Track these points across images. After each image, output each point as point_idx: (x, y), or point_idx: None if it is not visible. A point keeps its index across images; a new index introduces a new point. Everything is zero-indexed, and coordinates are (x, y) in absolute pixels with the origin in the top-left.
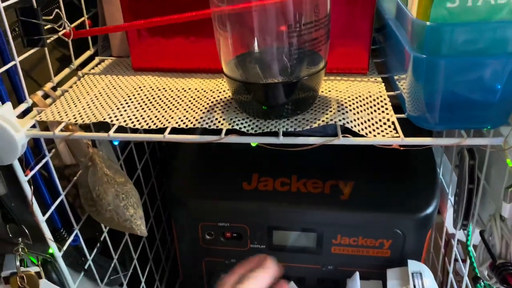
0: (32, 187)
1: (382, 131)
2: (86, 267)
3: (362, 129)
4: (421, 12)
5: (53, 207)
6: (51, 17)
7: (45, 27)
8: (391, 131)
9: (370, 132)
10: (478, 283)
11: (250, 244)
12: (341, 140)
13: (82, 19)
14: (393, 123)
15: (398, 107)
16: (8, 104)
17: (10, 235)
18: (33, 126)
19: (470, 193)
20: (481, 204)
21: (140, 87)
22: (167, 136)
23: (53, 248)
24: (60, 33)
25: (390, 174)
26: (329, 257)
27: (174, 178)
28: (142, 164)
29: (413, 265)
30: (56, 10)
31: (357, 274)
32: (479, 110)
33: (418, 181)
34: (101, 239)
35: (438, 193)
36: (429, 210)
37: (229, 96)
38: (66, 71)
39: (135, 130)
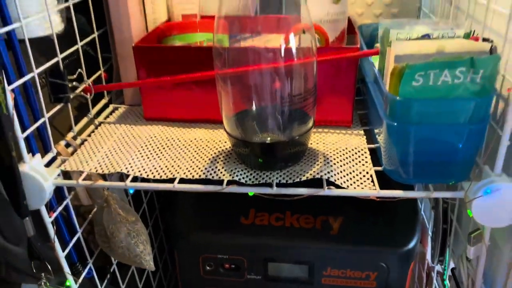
0: (54, 227)
1: (362, 183)
2: None
3: (344, 182)
4: (392, 88)
5: (71, 244)
6: (74, 76)
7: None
8: (369, 184)
9: (351, 185)
10: None
11: (247, 275)
12: (326, 191)
13: (99, 72)
14: (371, 176)
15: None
16: (38, 156)
17: (34, 271)
18: (58, 175)
19: (444, 232)
20: (455, 242)
21: (151, 137)
22: (176, 186)
23: (70, 281)
24: (80, 90)
25: (375, 211)
26: (320, 287)
27: (177, 213)
28: (148, 198)
29: None
30: (79, 70)
31: None
32: (444, 168)
33: (400, 218)
34: (111, 270)
35: (419, 229)
36: (411, 245)
37: (230, 147)
38: (85, 120)
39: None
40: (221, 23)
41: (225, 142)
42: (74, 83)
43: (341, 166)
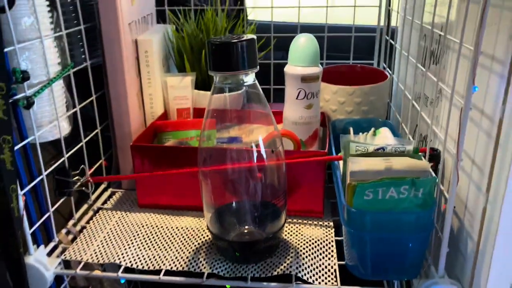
0: None
1: (326, 278)
2: None
3: (310, 277)
4: (348, 200)
5: None
6: (77, 172)
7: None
8: (332, 279)
9: (316, 279)
10: None
11: None
12: (294, 286)
13: (100, 161)
14: (335, 270)
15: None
16: (42, 247)
17: None
18: (59, 263)
19: None
20: None
21: (143, 225)
22: (162, 278)
23: None
24: (82, 183)
25: None
26: None
27: None
28: None
29: None
30: (82, 166)
31: None
32: (397, 267)
33: None
34: None
35: None
36: None
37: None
38: (85, 206)
39: None
40: (208, 121)
41: (208, 231)
42: (77, 177)
43: (309, 260)
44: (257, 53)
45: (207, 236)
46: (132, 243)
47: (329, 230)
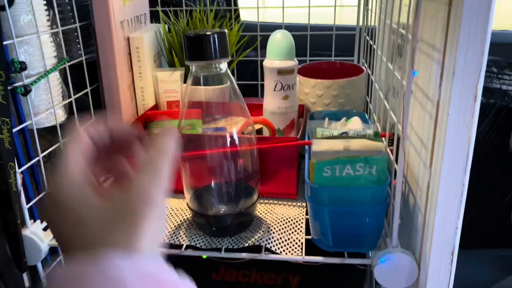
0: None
1: (293, 249)
2: None
3: (278, 248)
4: (310, 176)
5: None
6: None
7: None
8: (298, 250)
9: (283, 251)
10: None
11: None
12: (263, 256)
13: None
14: (302, 243)
15: None
16: (38, 222)
17: None
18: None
19: None
20: None
21: None
22: None
23: None
24: None
25: (330, 270)
26: None
27: None
28: None
29: None
30: None
31: None
32: (356, 239)
33: (351, 275)
34: None
35: (367, 286)
36: None
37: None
38: None
39: None
40: (193, 111)
41: (188, 210)
42: None
43: (279, 234)
44: (228, 45)
45: (187, 214)
46: None
47: (301, 210)
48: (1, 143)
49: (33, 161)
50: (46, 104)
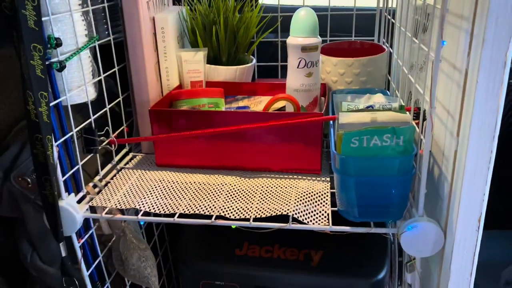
0: (81, 251)
1: (319, 220)
2: None
3: (305, 219)
4: (337, 147)
5: (93, 265)
6: (102, 132)
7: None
8: (325, 220)
9: (310, 221)
10: None
11: None
12: (291, 226)
13: (122, 127)
14: (328, 214)
15: None
16: (72, 195)
17: (65, 285)
18: (87, 209)
19: (400, 264)
20: None
21: (160, 180)
22: (176, 219)
23: None
24: (106, 143)
25: (351, 245)
26: None
27: (182, 245)
28: (159, 231)
29: None
30: (106, 128)
31: None
32: (382, 210)
33: (372, 252)
34: None
35: (388, 262)
36: (380, 277)
37: (220, 188)
38: (109, 166)
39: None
40: (217, 90)
41: (217, 185)
42: (102, 138)
43: (305, 206)
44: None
45: (217, 188)
46: (151, 193)
47: (325, 184)
48: (40, 116)
49: (67, 135)
50: (78, 81)
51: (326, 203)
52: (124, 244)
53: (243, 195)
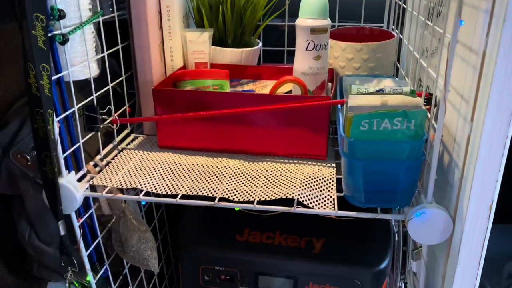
0: (80, 230)
1: (325, 205)
2: None
3: (311, 203)
4: (346, 130)
5: (92, 246)
6: (104, 111)
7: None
8: (330, 205)
9: (316, 205)
10: None
11: (240, 286)
12: (296, 209)
13: (125, 107)
14: (334, 199)
15: None
16: (73, 173)
17: (63, 265)
18: (87, 188)
19: (404, 253)
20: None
21: (163, 162)
22: (179, 200)
23: (90, 276)
24: (108, 122)
25: (354, 233)
26: None
27: (182, 229)
28: (159, 215)
29: None
30: (109, 106)
31: None
32: (389, 195)
33: (375, 240)
34: (123, 273)
35: (391, 251)
36: (382, 265)
37: (223, 171)
38: (110, 146)
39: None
40: (223, 71)
41: (221, 167)
42: (104, 116)
43: (310, 191)
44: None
45: (220, 171)
46: (153, 174)
47: (331, 170)
48: (41, 90)
49: (69, 111)
50: (81, 56)
51: (332, 188)
52: (124, 225)
53: (247, 179)
